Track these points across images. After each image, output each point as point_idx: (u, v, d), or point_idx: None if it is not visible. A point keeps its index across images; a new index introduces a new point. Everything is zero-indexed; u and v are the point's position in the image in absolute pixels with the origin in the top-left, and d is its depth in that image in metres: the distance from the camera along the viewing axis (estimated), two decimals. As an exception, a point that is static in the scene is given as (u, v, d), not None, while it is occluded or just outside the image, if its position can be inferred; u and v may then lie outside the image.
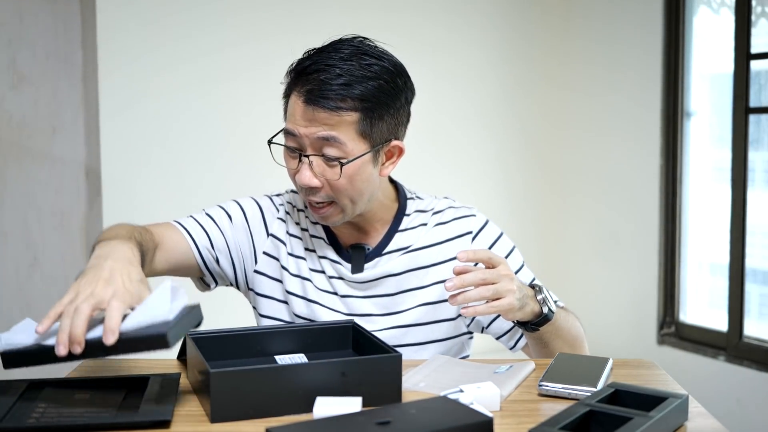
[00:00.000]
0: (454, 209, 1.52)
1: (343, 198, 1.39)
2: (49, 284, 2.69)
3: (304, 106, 1.36)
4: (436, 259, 1.47)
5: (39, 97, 2.65)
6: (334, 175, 1.37)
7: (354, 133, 1.36)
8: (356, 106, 1.35)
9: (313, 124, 1.36)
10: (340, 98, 1.34)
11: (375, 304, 1.47)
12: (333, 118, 1.35)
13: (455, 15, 3.29)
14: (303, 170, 1.38)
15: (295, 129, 1.38)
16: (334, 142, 1.35)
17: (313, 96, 1.35)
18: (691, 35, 3.10)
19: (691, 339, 3.06)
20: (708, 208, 3.12)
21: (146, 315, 1.09)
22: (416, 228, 1.50)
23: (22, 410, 1.09)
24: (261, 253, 1.52)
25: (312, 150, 1.37)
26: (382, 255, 1.48)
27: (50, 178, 2.68)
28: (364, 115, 1.36)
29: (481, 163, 3.43)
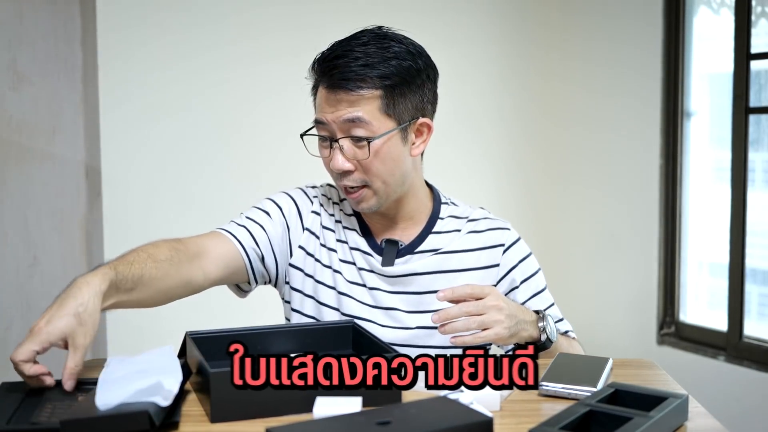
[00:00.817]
0: (489, 220, 1.56)
1: (375, 180, 1.43)
2: (49, 284, 2.69)
3: (327, 93, 1.42)
4: (467, 265, 1.51)
5: (39, 97, 2.64)
6: (364, 154, 1.41)
7: (378, 112, 1.41)
8: (377, 84, 1.40)
9: (337, 108, 1.41)
10: (359, 78, 1.39)
11: (402, 300, 1.49)
12: (355, 98, 1.40)
13: (455, 13, 3.29)
14: (335, 156, 1.43)
15: (323, 117, 1.43)
16: (360, 123, 1.40)
17: (335, 80, 1.40)
18: (691, 35, 3.10)
19: (691, 339, 3.06)
20: (708, 208, 3.12)
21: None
22: (450, 233, 1.53)
23: (28, 410, 1.09)
24: (297, 247, 1.54)
25: (341, 133, 1.42)
26: (414, 253, 1.51)
27: (50, 178, 2.68)
28: (386, 93, 1.41)
29: (481, 164, 3.43)
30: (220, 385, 1.06)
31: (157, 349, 1.25)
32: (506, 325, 1.31)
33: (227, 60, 2.88)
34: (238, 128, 2.92)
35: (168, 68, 2.79)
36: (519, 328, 1.34)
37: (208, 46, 2.85)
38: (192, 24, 2.83)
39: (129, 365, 1.17)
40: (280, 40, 2.98)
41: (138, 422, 1.00)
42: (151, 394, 1.04)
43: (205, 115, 2.86)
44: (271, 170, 2.91)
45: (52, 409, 1.09)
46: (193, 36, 2.83)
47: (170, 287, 1.38)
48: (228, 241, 1.49)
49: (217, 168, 2.89)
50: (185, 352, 1.28)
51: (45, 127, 2.66)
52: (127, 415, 1.00)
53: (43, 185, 2.67)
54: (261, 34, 2.94)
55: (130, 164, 2.76)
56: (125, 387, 1.05)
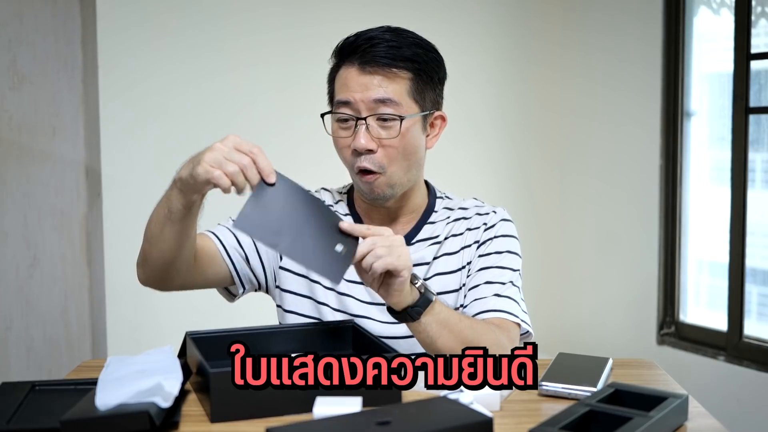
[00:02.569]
0: (478, 206, 1.59)
1: (393, 165, 1.44)
2: (49, 284, 2.69)
3: (359, 70, 1.43)
4: (455, 248, 1.53)
5: (39, 97, 2.65)
6: (393, 133, 1.42)
7: (406, 95, 1.44)
8: (408, 66, 1.43)
9: (368, 87, 1.42)
10: (393, 57, 1.42)
11: None
12: (389, 75, 1.42)
13: (456, 9, 3.29)
14: (359, 134, 1.42)
15: (349, 96, 1.43)
16: (390, 102, 1.42)
17: (368, 57, 1.42)
18: (691, 35, 3.10)
19: (691, 339, 3.05)
20: (708, 208, 3.12)
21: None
22: (442, 221, 1.56)
23: (28, 411, 1.09)
24: None
25: (368, 113, 1.42)
26: (411, 244, 1.52)
27: (50, 178, 2.68)
28: (415, 77, 1.44)
29: (481, 164, 3.43)
30: (220, 385, 1.06)
31: (157, 349, 1.25)
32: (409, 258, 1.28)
33: (227, 60, 2.88)
34: (238, 128, 2.91)
35: (168, 68, 2.79)
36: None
37: (208, 46, 2.85)
38: (192, 24, 2.83)
39: (129, 365, 1.17)
40: (280, 41, 2.98)
41: (138, 422, 1.00)
42: (151, 395, 1.04)
43: (205, 114, 2.86)
44: (271, 170, 2.91)
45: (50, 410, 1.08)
46: (193, 36, 2.83)
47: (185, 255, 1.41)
48: (210, 240, 1.50)
49: (217, 168, 2.88)
50: (185, 352, 1.28)
51: (45, 127, 2.66)
52: (127, 415, 1.00)
53: (43, 185, 2.67)
54: (261, 34, 2.94)
55: (130, 164, 2.76)
56: (125, 387, 1.05)
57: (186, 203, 1.34)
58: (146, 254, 1.41)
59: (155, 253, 1.38)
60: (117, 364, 1.18)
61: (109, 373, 1.14)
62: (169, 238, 1.36)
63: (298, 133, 2.95)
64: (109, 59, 2.69)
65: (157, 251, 1.38)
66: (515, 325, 1.44)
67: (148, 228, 1.40)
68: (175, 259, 1.39)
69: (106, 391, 1.06)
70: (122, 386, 1.06)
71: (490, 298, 1.46)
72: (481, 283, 1.48)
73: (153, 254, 1.39)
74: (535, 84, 3.50)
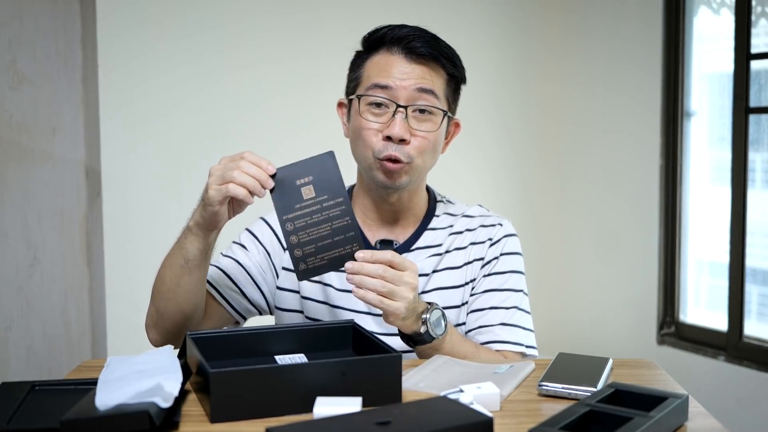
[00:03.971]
0: (483, 217, 1.56)
1: (419, 158, 1.43)
2: (49, 284, 2.69)
3: (404, 58, 1.42)
4: (459, 262, 1.51)
5: (39, 97, 2.65)
6: (429, 126, 1.42)
7: (443, 94, 1.45)
8: (446, 65, 1.44)
9: (411, 76, 1.41)
10: (438, 52, 1.42)
11: None
12: (433, 69, 1.43)
13: (456, 13, 3.29)
14: (396, 122, 1.41)
15: (390, 81, 1.41)
16: (432, 95, 1.42)
17: (415, 48, 1.41)
18: (691, 35, 3.10)
19: (691, 339, 3.06)
20: (708, 208, 3.12)
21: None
22: (444, 229, 1.53)
23: (28, 411, 1.09)
24: (281, 269, 1.53)
25: (407, 102, 1.41)
26: (410, 251, 1.50)
27: (50, 178, 2.68)
28: (451, 79, 1.46)
29: (480, 164, 3.43)
30: (220, 385, 1.06)
31: (157, 349, 1.25)
32: (407, 306, 1.28)
33: (227, 60, 2.88)
34: (239, 128, 2.92)
35: (168, 68, 2.79)
36: (410, 315, 1.31)
37: (208, 46, 2.85)
38: (192, 24, 2.83)
39: (129, 365, 1.17)
40: (280, 41, 2.98)
41: (138, 422, 1.00)
42: (151, 396, 1.04)
43: (205, 114, 2.86)
44: (271, 170, 2.91)
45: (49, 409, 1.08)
46: (194, 36, 2.83)
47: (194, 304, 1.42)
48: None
49: (217, 168, 2.88)
50: (185, 352, 1.28)
51: (45, 127, 2.66)
52: (127, 415, 1.00)
53: (43, 185, 2.67)
54: (261, 34, 2.94)
55: (130, 164, 2.76)
56: (125, 388, 1.05)
57: (203, 247, 1.35)
58: (162, 313, 1.40)
59: (172, 309, 1.38)
60: (117, 364, 1.18)
61: (109, 373, 1.14)
62: (188, 289, 1.37)
63: (300, 132, 2.95)
64: (109, 59, 2.69)
65: (175, 306, 1.38)
66: (519, 356, 1.46)
67: (161, 286, 1.39)
68: (195, 311, 1.40)
69: (106, 391, 1.06)
70: (122, 386, 1.06)
71: (497, 328, 1.46)
72: (487, 308, 1.48)
73: (170, 311, 1.38)
74: (535, 84, 3.50)
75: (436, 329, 1.33)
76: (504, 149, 3.48)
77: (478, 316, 1.48)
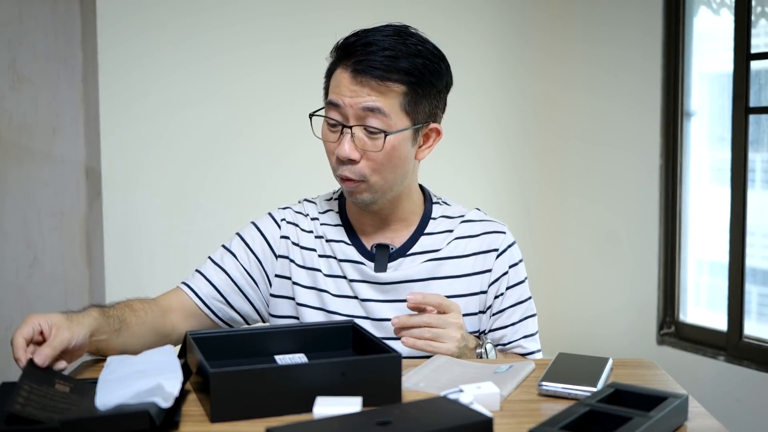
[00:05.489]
0: (485, 222, 1.55)
1: (374, 175, 1.41)
2: (49, 284, 2.69)
3: (351, 77, 1.38)
4: (461, 271, 1.50)
5: (39, 97, 2.64)
6: (376, 147, 1.39)
7: (398, 108, 1.39)
8: (402, 79, 1.38)
9: (359, 94, 1.38)
10: (387, 69, 1.37)
11: (395, 309, 1.47)
12: (380, 88, 1.37)
13: (454, 16, 3.29)
14: (344, 142, 1.39)
15: (339, 99, 1.39)
16: (378, 114, 1.38)
17: (362, 66, 1.37)
18: (691, 35, 3.10)
19: (691, 339, 3.06)
20: (708, 208, 3.12)
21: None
22: (442, 233, 1.52)
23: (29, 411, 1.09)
24: (274, 276, 1.52)
25: (355, 121, 1.39)
26: (407, 256, 1.49)
27: (50, 178, 2.68)
28: (409, 90, 1.39)
29: (480, 164, 3.43)
30: (220, 385, 1.06)
31: (157, 349, 1.25)
32: (458, 345, 1.34)
33: (227, 60, 2.88)
34: (239, 128, 2.92)
35: (168, 68, 2.79)
36: (464, 351, 1.36)
37: (208, 46, 2.85)
38: (192, 24, 2.83)
39: (129, 365, 1.17)
40: (280, 41, 2.98)
41: (139, 422, 1.00)
42: (152, 396, 1.04)
43: (205, 114, 2.86)
44: (271, 170, 2.91)
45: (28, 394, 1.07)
46: (194, 36, 2.83)
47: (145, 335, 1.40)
48: (186, 296, 1.50)
49: (218, 168, 2.89)
50: (185, 352, 1.28)
51: (45, 127, 2.66)
52: (127, 415, 1.00)
53: (43, 185, 2.67)
54: (261, 34, 2.94)
55: (130, 164, 2.76)
56: (125, 388, 1.05)
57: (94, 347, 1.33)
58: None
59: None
60: (117, 364, 1.18)
61: (109, 373, 1.14)
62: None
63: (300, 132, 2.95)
64: (109, 59, 2.69)
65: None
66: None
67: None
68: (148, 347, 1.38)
69: (106, 391, 1.06)
70: (122, 386, 1.06)
71: (522, 341, 1.53)
72: (509, 325, 1.52)
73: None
74: (534, 84, 3.50)
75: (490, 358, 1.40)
76: (503, 149, 3.48)
77: (502, 334, 1.52)
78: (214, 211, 2.86)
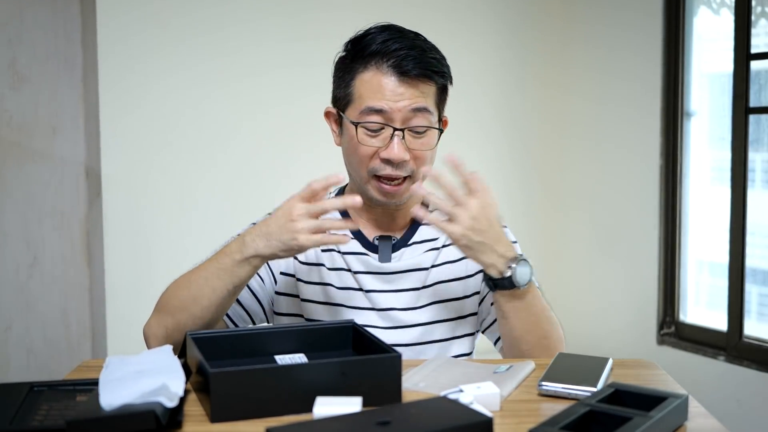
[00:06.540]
0: None
1: (419, 171, 1.44)
2: (49, 284, 2.69)
3: (396, 80, 1.40)
4: (459, 254, 1.51)
5: (39, 97, 2.64)
6: (424, 145, 1.43)
7: (433, 104, 1.44)
8: (436, 76, 1.43)
9: (405, 97, 1.40)
10: (425, 67, 1.40)
11: (399, 298, 1.49)
12: (424, 87, 1.41)
13: (454, 19, 3.29)
14: (394, 145, 1.41)
15: (384, 105, 1.40)
16: (425, 112, 1.42)
17: (405, 67, 1.39)
18: (691, 35, 3.10)
19: (691, 339, 3.06)
20: (708, 208, 3.12)
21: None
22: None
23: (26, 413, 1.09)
24: (279, 274, 1.53)
25: (403, 123, 1.41)
26: (408, 246, 1.52)
27: (50, 178, 2.68)
28: (441, 86, 1.45)
29: (480, 164, 3.41)
30: (220, 385, 1.06)
31: (156, 349, 1.25)
32: (466, 234, 1.32)
33: (227, 60, 2.88)
34: (238, 128, 2.92)
35: (168, 68, 2.79)
36: (481, 248, 1.33)
37: (208, 46, 2.85)
38: (192, 24, 2.83)
39: (129, 365, 1.16)
40: (280, 41, 2.98)
41: (144, 422, 1.00)
42: (156, 396, 1.04)
43: (205, 114, 2.86)
44: (270, 170, 2.91)
45: (48, 410, 1.09)
46: (194, 36, 2.83)
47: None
48: None
49: (217, 167, 2.89)
50: (185, 352, 1.28)
51: (45, 127, 2.66)
52: (133, 415, 1.00)
53: (43, 185, 2.67)
54: (261, 34, 2.94)
55: (130, 164, 2.76)
56: (130, 388, 1.05)
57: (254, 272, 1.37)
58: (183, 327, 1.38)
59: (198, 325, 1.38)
60: (117, 364, 1.18)
61: (109, 373, 1.14)
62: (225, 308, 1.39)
63: (301, 132, 2.95)
64: (109, 59, 2.69)
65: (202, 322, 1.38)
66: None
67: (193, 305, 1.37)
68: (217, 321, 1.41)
69: (109, 391, 1.06)
70: (125, 386, 1.06)
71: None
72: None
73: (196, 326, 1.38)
74: (535, 85, 3.50)
75: (517, 280, 1.34)
76: (502, 149, 3.48)
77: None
78: (214, 210, 2.86)
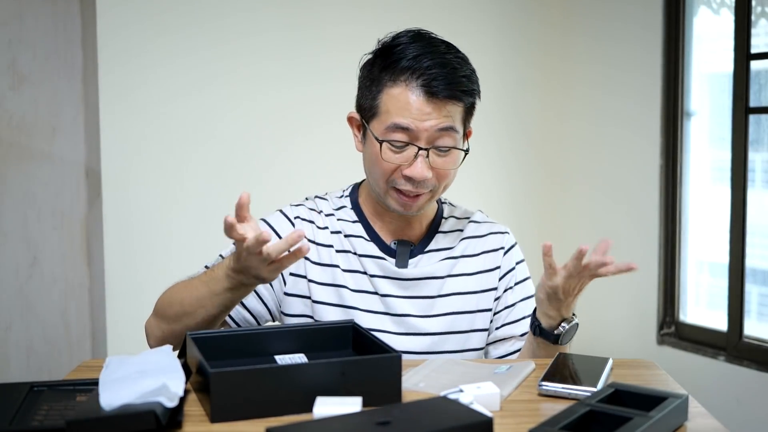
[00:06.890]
0: (489, 224, 1.59)
1: (441, 187, 1.45)
2: (49, 284, 2.69)
3: (424, 99, 1.38)
4: (474, 268, 1.53)
5: (39, 97, 2.64)
6: (447, 164, 1.42)
7: (460, 122, 1.43)
8: (465, 95, 1.42)
9: (432, 117, 1.39)
10: (454, 87, 1.39)
11: (414, 305, 1.49)
12: (452, 108, 1.40)
13: (455, 15, 3.29)
14: (417, 164, 1.40)
15: (411, 123, 1.39)
16: (451, 132, 1.41)
17: (435, 88, 1.38)
18: (691, 35, 3.10)
19: (691, 339, 3.05)
20: (708, 208, 3.12)
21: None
22: (453, 232, 1.56)
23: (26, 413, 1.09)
24: (288, 275, 1.51)
25: (428, 143, 1.40)
26: (425, 253, 1.52)
27: (50, 178, 2.68)
28: (468, 105, 1.44)
29: (480, 164, 3.43)
30: (220, 385, 1.06)
31: (156, 349, 1.25)
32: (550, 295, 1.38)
33: (228, 60, 2.88)
34: (239, 129, 2.92)
35: (168, 68, 2.79)
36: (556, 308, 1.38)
37: (208, 46, 2.85)
38: (192, 24, 2.83)
39: (129, 365, 1.16)
40: (280, 41, 2.97)
41: (144, 422, 1.00)
42: (157, 396, 1.04)
43: (205, 115, 2.86)
44: (271, 170, 2.91)
45: (48, 410, 1.09)
46: (194, 36, 2.83)
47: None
48: None
49: (217, 168, 2.88)
50: (185, 352, 1.28)
51: (45, 127, 2.66)
52: (133, 415, 1.00)
53: (43, 185, 2.67)
54: (261, 34, 2.93)
55: (130, 164, 2.75)
56: (130, 388, 1.05)
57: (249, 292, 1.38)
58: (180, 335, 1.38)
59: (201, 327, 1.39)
60: (117, 364, 1.18)
61: (109, 373, 1.14)
62: (220, 320, 1.40)
63: (301, 132, 2.95)
64: (109, 59, 2.69)
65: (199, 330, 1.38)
66: None
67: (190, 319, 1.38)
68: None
69: (109, 391, 1.06)
70: (126, 386, 1.06)
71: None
72: (520, 318, 1.54)
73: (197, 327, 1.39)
74: (535, 84, 3.50)
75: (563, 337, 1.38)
76: (503, 149, 3.48)
77: (515, 326, 1.54)
78: (214, 211, 2.84)
